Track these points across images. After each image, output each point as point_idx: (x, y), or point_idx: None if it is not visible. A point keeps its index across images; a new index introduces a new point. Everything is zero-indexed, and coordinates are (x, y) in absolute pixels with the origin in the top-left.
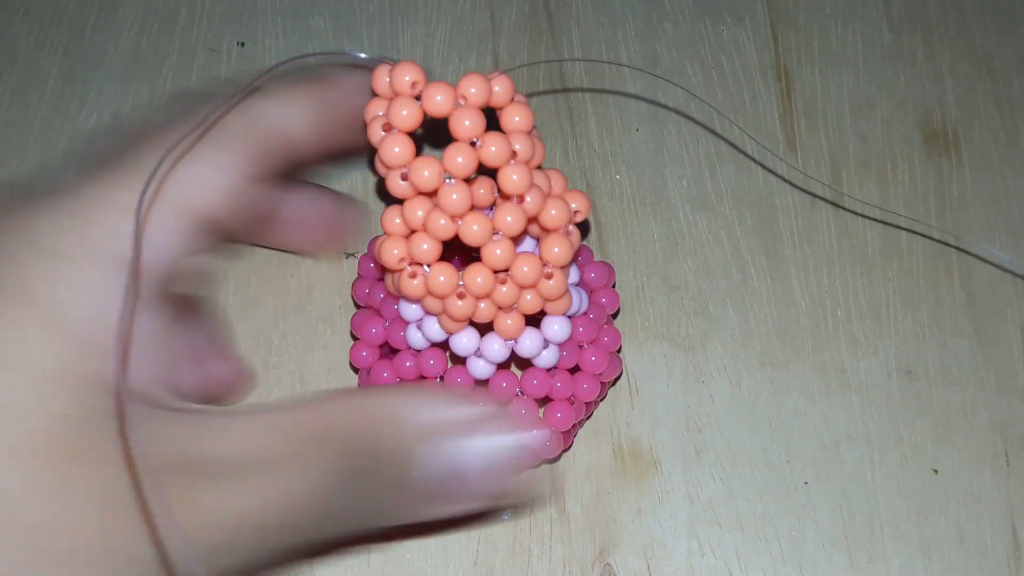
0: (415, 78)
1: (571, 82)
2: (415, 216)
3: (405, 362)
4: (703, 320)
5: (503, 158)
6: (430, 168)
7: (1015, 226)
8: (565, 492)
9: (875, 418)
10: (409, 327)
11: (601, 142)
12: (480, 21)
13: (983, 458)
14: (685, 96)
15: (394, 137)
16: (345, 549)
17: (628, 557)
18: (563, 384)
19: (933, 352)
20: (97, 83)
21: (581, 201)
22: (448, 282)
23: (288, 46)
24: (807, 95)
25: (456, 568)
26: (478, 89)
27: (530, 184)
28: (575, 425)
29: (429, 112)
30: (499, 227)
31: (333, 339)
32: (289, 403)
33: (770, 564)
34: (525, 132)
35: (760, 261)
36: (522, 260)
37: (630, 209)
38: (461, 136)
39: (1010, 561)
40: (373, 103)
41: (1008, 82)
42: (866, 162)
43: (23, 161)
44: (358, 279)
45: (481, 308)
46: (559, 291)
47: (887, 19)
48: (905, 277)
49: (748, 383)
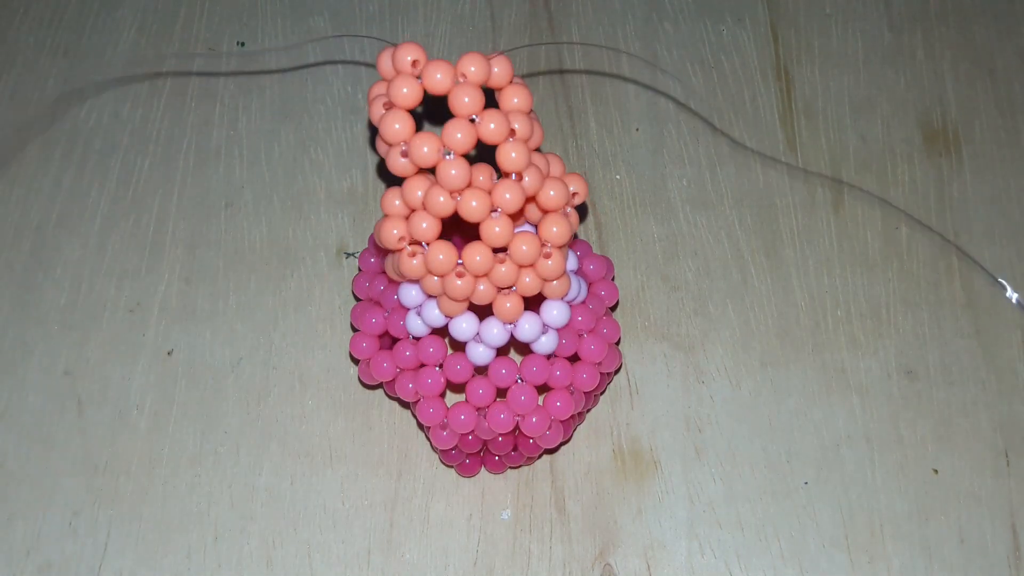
0: (416, 56)
1: (571, 82)
2: (414, 196)
3: (404, 351)
4: (703, 320)
5: (502, 135)
6: (429, 144)
7: (1015, 226)
8: (565, 492)
9: (875, 418)
10: (409, 314)
11: (601, 142)
12: (480, 21)
13: (983, 458)
14: (685, 93)
15: (394, 114)
16: (345, 549)
17: (628, 557)
18: (562, 372)
19: (933, 352)
20: (97, 83)
21: (579, 184)
22: (447, 260)
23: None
24: (807, 95)
25: (456, 568)
26: (478, 68)
27: (528, 162)
28: (574, 416)
29: (429, 89)
30: (498, 204)
31: (333, 339)
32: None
33: (770, 564)
34: (524, 112)
35: (760, 261)
36: (521, 239)
37: (630, 209)
38: (460, 112)
39: (1010, 561)
40: (376, 85)
41: (1008, 82)
42: (866, 162)
43: (23, 161)
44: (358, 274)
45: (480, 290)
46: (557, 271)
47: (887, 19)
48: (905, 277)
49: (748, 383)
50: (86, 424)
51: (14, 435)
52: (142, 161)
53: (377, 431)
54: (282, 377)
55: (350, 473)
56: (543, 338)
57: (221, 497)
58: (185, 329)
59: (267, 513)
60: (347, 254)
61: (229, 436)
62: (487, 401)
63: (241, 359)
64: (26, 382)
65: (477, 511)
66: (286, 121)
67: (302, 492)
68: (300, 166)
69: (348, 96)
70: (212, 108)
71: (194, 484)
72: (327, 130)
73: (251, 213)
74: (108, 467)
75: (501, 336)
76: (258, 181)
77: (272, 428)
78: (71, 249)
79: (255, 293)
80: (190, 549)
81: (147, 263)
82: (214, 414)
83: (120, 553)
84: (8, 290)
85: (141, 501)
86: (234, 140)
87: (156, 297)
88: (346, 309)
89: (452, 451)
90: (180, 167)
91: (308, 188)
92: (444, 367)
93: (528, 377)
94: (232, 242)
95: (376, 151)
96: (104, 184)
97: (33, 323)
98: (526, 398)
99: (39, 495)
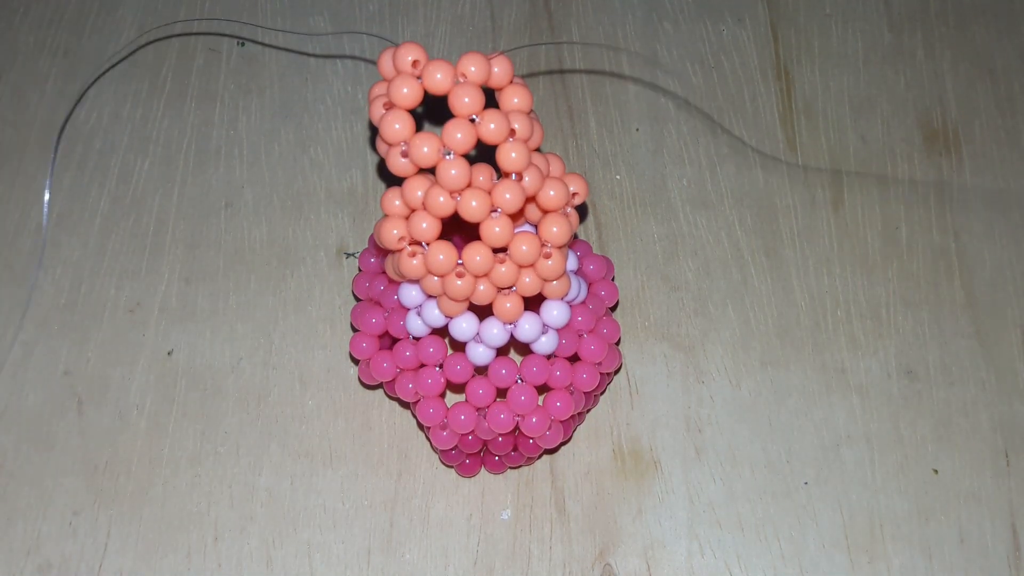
0: (416, 56)
1: (571, 83)
2: (414, 196)
3: (404, 351)
4: (703, 320)
5: (502, 135)
6: (429, 143)
7: (1015, 226)
8: (565, 492)
9: (875, 418)
10: (409, 314)
11: (601, 142)
12: (480, 21)
13: (983, 458)
14: (685, 92)
15: (394, 114)
16: (345, 549)
17: (628, 557)
18: (562, 372)
19: (933, 352)
20: (97, 83)
21: (579, 184)
22: (447, 260)
23: (288, 46)
24: (807, 95)
25: (456, 568)
26: (478, 68)
27: (528, 162)
28: (574, 417)
29: (429, 89)
30: (498, 203)
31: (333, 339)
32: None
33: (770, 564)
34: (524, 112)
35: (760, 261)
36: (521, 239)
37: (630, 209)
38: (460, 112)
39: (1010, 561)
40: (377, 86)
41: (1008, 82)
42: (866, 162)
43: (23, 161)
44: (358, 274)
45: (480, 290)
46: (557, 271)
47: (887, 19)
48: (905, 277)
49: (748, 383)
50: (86, 424)
51: (14, 435)
52: (142, 161)
53: (377, 431)
54: (282, 377)
55: (350, 473)
56: (543, 338)
57: (221, 497)
58: (185, 329)
59: (267, 513)
60: (347, 254)
61: (229, 436)
62: (487, 401)
63: (241, 359)
64: (26, 382)
65: (477, 511)
66: (286, 121)
67: (302, 492)
68: (300, 166)
69: (348, 96)
70: (212, 108)
71: (194, 484)
72: (327, 130)
73: (251, 213)
74: (108, 467)
75: (501, 336)
76: (258, 181)
77: (272, 428)
78: (71, 249)
79: (255, 293)
80: (190, 549)
81: (147, 263)
82: (214, 414)
83: (120, 553)
84: (8, 290)
85: (141, 501)
86: (234, 140)
87: (156, 297)
88: (346, 309)
89: (452, 451)
90: (180, 167)
91: (308, 188)
92: (444, 367)
93: (528, 377)
94: (232, 242)
95: (376, 151)
96: (104, 184)
97: (33, 323)
98: (526, 398)
99: (39, 495)
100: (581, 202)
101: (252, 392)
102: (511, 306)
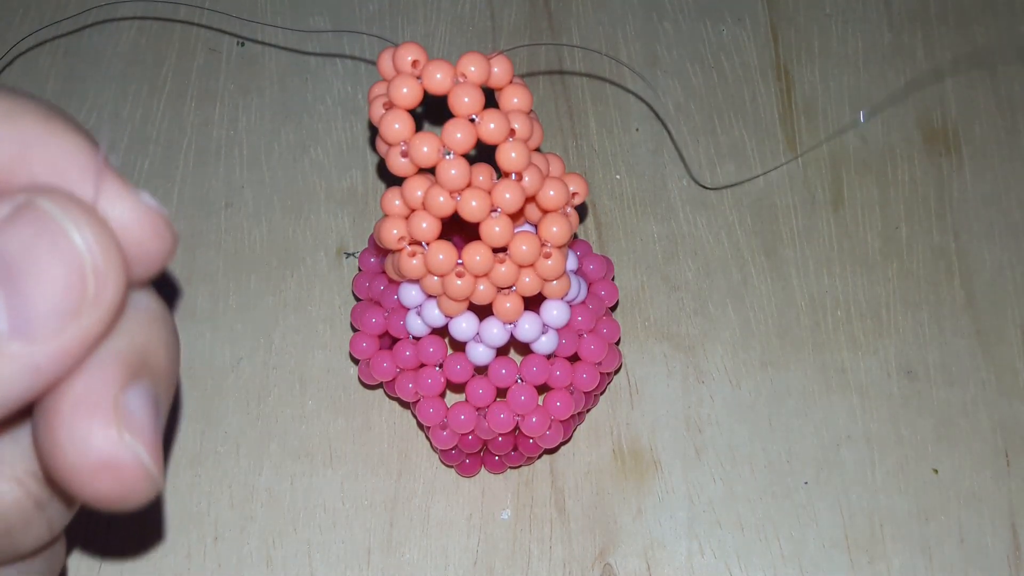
0: (416, 56)
1: (571, 83)
2: (414, 196)
3: (404, 351)
4: (703, 320)
5: (501, 135)
6: (429, 143)
7: (1015, 226)
8: (565, 492)
9: (875, 418)
10: (409, 314)
11: (601, 142)
12: (480, 21)
13: (983, 458)
14: (685, 97)
15: (394, 114)
16: (345, 548)
17: (628, 557)
18: (562, 372)
19: (933, 352)
20: (97, 83)
21: (579, 184)
22: (447, 260)
23: (287, 44)
24: (807, 95)
25: (456, 568)
26: (477, 67)
27: (528, 161)
28: (574, 416)
29: (429, 89)
30: (498, 203)
31: (333, 339)
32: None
33: (770, 564)
34: (524, 112)
35: (760, 261)
36: (521, 239)
37: (630, 209)
38: (460, 112)
39: (1010, 561)
40: (376, 86)
41: (1008, 82)
42: (866, 162)
43: None
44: (358, 274)
45: (480, 290)
46: (557, 271)
47: (887, 19)
48: (905, 277)
49: (748, 383)
50: None
51: None
52: (142, 161)
53: (377, 431)
54: (282, 377)
55: (350, 473)
56: (543, 338)
57: (221, 497)
58: (185, 329)
59: (267, 513)
60: (347, 254)
61: (229, 436)
62: (487, 401)
63: (241, 359)
64: None
65: (477, 511)
66: (286, 121)
67: (302, 492)
68: (300, 166)
69: (348, 96)
70: (212, 108)
71: (194, 484)
72: (327, 130)
73: (251, 213)
74: None
75: (501, 336)
76: (258, 181)
77: (272, 428)
78: None
79: (255, 293)
80: (190, 549)
81: None
82: (214, 414)
83: (120, 553)
84: None
85: None
86: (234, 140)
87: None
88: (346, 309)
89: (452, 451)
90: (180, 167)
91: (308, 188)
92: (444, 367)
93: (528, 377)
94: (232, 242)
95: (376, 151)
96: None
97: None
98: (526, 398)
99: None
100: (581, 202)
101: (252, 392)
102: (511, 306)
